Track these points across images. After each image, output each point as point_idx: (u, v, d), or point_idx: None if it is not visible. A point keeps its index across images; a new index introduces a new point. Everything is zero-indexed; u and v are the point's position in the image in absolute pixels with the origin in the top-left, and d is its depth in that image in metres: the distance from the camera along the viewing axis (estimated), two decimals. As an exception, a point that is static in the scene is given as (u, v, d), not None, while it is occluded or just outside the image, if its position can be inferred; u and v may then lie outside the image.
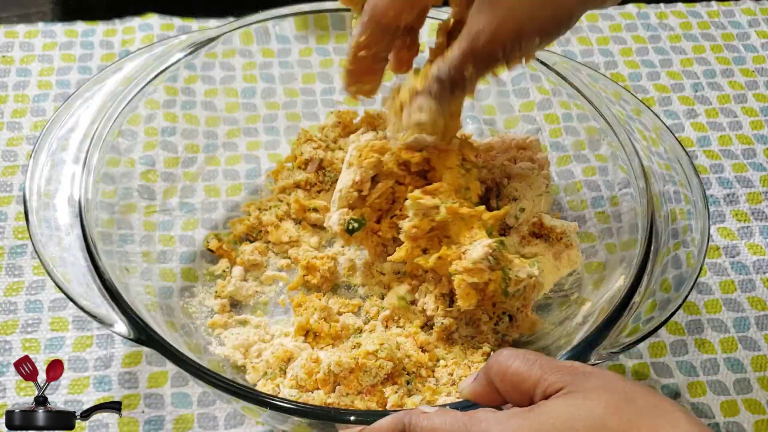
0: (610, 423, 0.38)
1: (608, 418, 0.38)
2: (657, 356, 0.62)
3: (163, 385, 0.59)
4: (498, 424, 0.39)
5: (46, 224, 0.55)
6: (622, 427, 0.38)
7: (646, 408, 0.38)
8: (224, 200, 0.69)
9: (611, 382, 0.40)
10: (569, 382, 0.40)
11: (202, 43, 0.66)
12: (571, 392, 0.39)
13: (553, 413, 0.39)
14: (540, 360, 0.42)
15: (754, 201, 0.73)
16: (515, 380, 0.42)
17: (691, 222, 0.57)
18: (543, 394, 0.40)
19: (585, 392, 0.39)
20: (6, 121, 0.75)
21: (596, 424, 0.38)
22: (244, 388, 0.49)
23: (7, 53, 0.80)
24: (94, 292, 0.52)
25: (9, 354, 0.60)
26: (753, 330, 0.64)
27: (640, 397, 0.39)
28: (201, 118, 0.71)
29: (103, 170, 0.59)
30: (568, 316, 0.59)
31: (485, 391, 0.44)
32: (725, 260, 0.69)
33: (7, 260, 0.65)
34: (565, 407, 0.39)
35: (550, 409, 0.39)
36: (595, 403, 0.39)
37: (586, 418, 0.38)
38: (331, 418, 0.47)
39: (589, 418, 0.38)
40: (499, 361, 0.43)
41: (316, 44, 0.76)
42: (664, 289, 0.53)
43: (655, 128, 0.63)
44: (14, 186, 0.70)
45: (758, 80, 0.83)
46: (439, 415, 0.42)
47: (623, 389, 0.39)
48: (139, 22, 0.83)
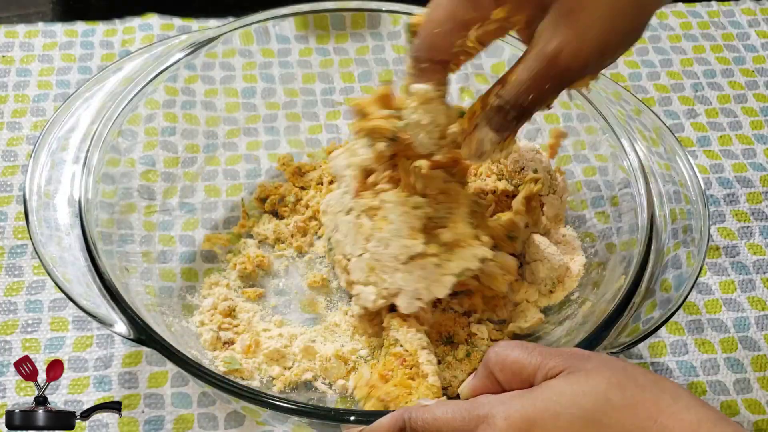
0: (613, 397, 0.38)
1: (612, 393, 0.38)
2: (657, 356, 0.62)
3: (163, 385, 0.59)
4: (501, 404, 0.39)
5: (46, 224, 0.54)
6: (626, 401, 0.38)
7: (647, 383, 0.39)
8: (224, 200, 0.69)
9: (611, 362, 0.40)
10: (570, 364, 0.40)
11: (202, 43, 0.66)
12: (573, 372, 0.40)
13: (557, 390, 0.39)
14: (539, 348, 0.42)
15: (754, 201, 0.73)
16: (515, 368, 0.42)
17: (691, 222, 0.57)
18: (544, 377, 0.40)
19: (586, 371, 0.39)
20: (6, 121, 0.75)
21: (600, 399, 0.38)
22: (244, 388, 0.49)
23: (7, 53, 0.80)
24: (94, 292, 0.52)
25: (9, 354, 0.60)
26: (753, 330, 0.64)
27: (640, 374, 0.39)
28: (201, 118, 0.71)
29: (103, 170, 0.59)
30: (568, 316, 0.59)
31: (485, 384, 0.44)
32: (725, 260, 0.69)
33: (7, 260, 0.65)
34: (568, 385, 0.39)
35: (553, 387, 0.39)
36: (597, 379, 0.39)
37: (589, 393, 0.38)
38: (331, 418, 0.47)
39: (592, 393, 0.38)
40: (497, 352, 0.43)
41: (316, 44, 0.76)
42: (664, 289, 0.53)
43: (655, 128, 0.63)
44: (14, 186, 0.70)
45: (758, 80, 0.83)
46: (440, 406, 0.42)
47: (623, 368, 0.40)
48: (139, 22, 0.83)
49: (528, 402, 0.39)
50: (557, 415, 0.38)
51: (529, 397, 0.39)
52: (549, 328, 0.60)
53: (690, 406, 0.38)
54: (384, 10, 0.71)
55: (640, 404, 0.38)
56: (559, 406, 0.38)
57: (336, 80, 0.77)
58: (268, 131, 0.74)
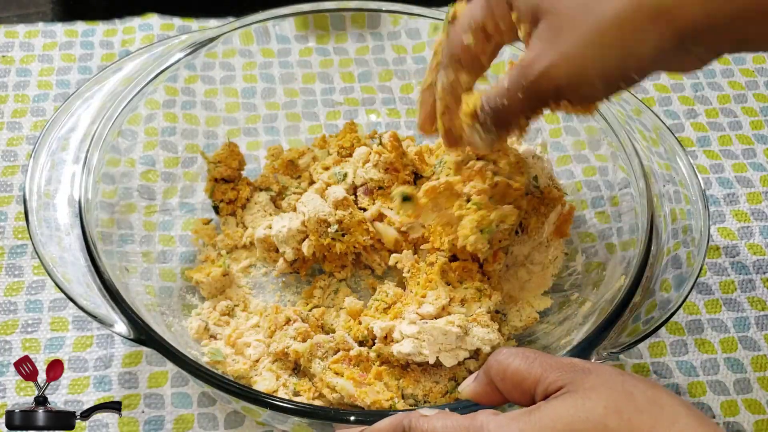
0: (610, 423, 0.38)
1: (608, 418, 0.38)
2: (657, 356, 0.62)
3: (163, 385, 0.59)
4: (499, 428, 0.39)
5: (46, 224, 0.55)
6: (622, 426, 0.38)
7: (645, 404, 0.39)
8: (224, 200, 0.69)
9: (610, 378, 0.40)
10: (569, 381, 0.40)
11: (202, 43, 0.66)
12: (571, 392, 0.40)
13: (553, 415, 0.39)
14: (539, 358, 0.42)
15: (754, 201, 0.73)
16: (516, 379, 0.42)
17: (691, 222, 0.57)
18: (544, 392, 0.41)
19: (584, 392, 0.39)
20: (6, 121, 0.75)
21: (597, 425, 0.38)
22: (244, 388, 0.49)
23: (7, 53, 0.80)
24: (94, 292, 0.52)
25: (9, 354, 0.60)
26: (753, 330, 0.64)
27: (639, 392, 0.39)
28: (201, 118, 0.71)
29: (103, 170, 0.59)
30: (568, 316, 0.59)
31: (486, 390, 0.44)
32: (725, 260, 0.69)
33: (7, 260, 0.65)
34: (565, 409, 0.39)
35: (551, 411, 0.39)
36: (594, 403, 0.39)
37: (586, 420, 0.38)
38: (331, 418, 0.47)
39: (589, 420, 0.38)
40: (498, 361, 0.43)
41: (316, 44, 0.76)
42: (664, 289, 0.53)
43: (655, 128, 0.63)
44: (14, 186, 0.70)
45: (758, 80, 0.83)
46: (440, 419, 0.42)
47: (622, 385, 0.40)
48: (139, 22, 0.83)
49: (526, 427, 0.39)
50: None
51: (527, 421, 0.39)
52: (549, 328, 0.60)
53: (688, 428, 0.38)
54: (384, 10, 0.71)
55: (637, 430, 0.38)
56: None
57: (336, 80, 0.77)
58: (268, 131, 0.74)
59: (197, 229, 0.66)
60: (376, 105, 0.76)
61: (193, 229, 0.66)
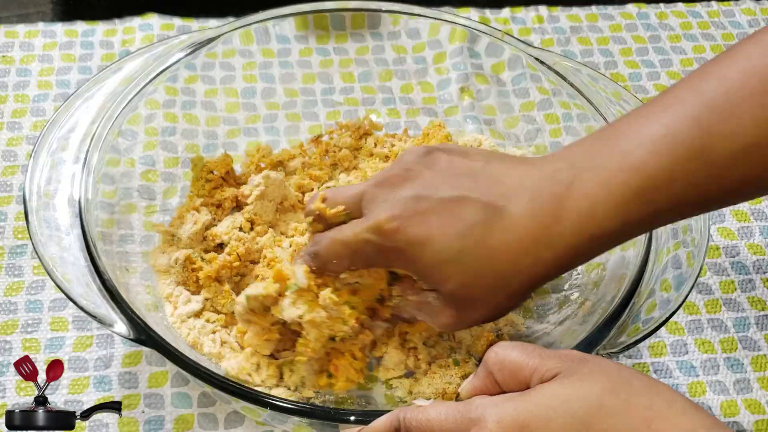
0: (607, 402, 0.38)
1: (605, 398, 0.38)
2: (657, 356, 0.63)
3: (163, 385, 0.59)
4: (494, 407, 0.40)
5: (46, 224, 0.55)
6: (620, 405, 0.38)
7: (642, 388, 0.39)
8: (224, 200, 0.69)
9: (607, 366, 0.40)
10: (565, 367, 0.40)
11: (202, 43, 0.66)
12: (568, 375, 0.40)
13: (550, 394, 0.39)
14: (537, 349, 0.42)
15: (754, 201, 0.73)
16: (513, 368, 0.42)
17: (691, 222, 0.57)
18: (540, 380, 0.41)
19: (581, 375, 0.39)
20: (6, 121, 0.75)
21: (593, 404, 0.38)
22: (244, 388, 0.49)
23: (7, 53, 0.80)
24: (94, 292, 0.52)
25: (9, 354, 0.60)
26: (753, 330, 0.64)
27: (635, 378, 0.39)
28: (201, 118, 0.71)
29: (103, 170, 0.59)
30: (568, 316, 0.59)
31: (485, 383, 0.44)
32: (725, 260, 0.69)
33: (7, 260, 0.65)
34: (562, 388, 0.39)
35: (547, 391, 0.39)
36: (591, 384, 0.39)
37: (583, 398, 0.38)
38: (331, 418, 0.47)
39: (586, 398, 0.38)
40: (497, 352, 0.43)
41: (316, 44, 0.76)
42: (664, 289, 0.53)
43: (655, 128, 0.63)
44: (14, 186, 0.70)
45: (758, 80, 0.83)
46: (434, 407, 0.42)
47: (618, 372, 0.40)
48: (139, 22, 0.84)
49: (521, 405, 0.39)
50: (550, 419, 0.38)
51: (522, 400, 0.39)
52: (549, 328, 0.60)
53: (685, 411, 0.38)
54: (384, 10, 0.71)
55: (634, 409, 0.38)
56: (551, 410, 0.38)
57: (336, 80, 0.77)
58: (268, 131, 0.74)
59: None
60: (376, 105, 0.76)
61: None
